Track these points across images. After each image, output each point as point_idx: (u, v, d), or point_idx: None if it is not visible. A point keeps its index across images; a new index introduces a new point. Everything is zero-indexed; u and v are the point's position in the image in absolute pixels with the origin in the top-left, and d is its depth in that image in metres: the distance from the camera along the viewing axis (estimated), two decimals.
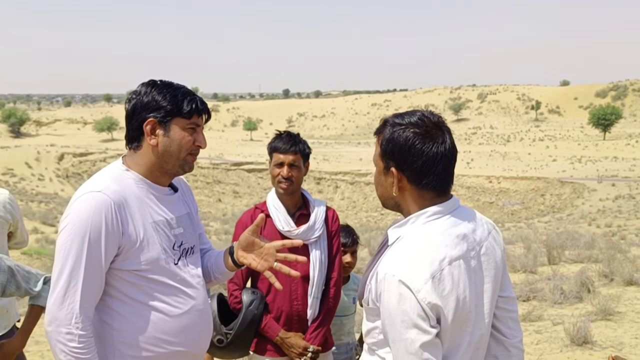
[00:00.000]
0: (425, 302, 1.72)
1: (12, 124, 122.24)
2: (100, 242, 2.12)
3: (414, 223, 1.89)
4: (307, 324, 3.30)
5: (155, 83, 2.32)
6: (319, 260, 3.26)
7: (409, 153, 1.85)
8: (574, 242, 14.83)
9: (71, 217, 2.14)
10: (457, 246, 1.83)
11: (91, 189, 2.17)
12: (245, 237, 2.43)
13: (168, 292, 2.27)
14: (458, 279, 1.78)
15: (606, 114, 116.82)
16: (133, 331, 2.21)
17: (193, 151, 2.32)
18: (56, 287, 2.11)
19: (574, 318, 6.98)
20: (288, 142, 3.24)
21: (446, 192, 1.91)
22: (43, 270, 2.92)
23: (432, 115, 1.92)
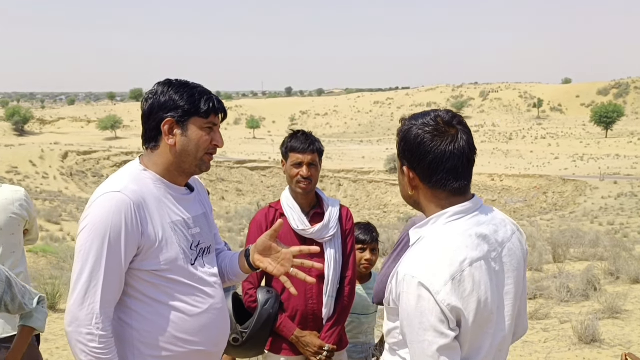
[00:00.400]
0: (444, 304, 1.71)
1: (16, 122, 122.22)
2: (120, 243, 2.13)
3: (434, 224, 1.89)
4: (322, 323, 3.31)
5: (172, 82, 2.31)
6: (333, 259, 3.28)
7: (418, 151, 1.87)
8: (578, 240, 14.85)
9: (91, 217, 2.14)
10: (478, 247, 1.82)
11: (110, 189, 2.17)
12: (262, 241, 2.43)
13: (187, 291, 2.28)
14: (479, 281, 1.78)
15: (608, 112, 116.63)
16: (152, 331, 2.23)
17: (210, 150, 2.33)
18: (76, 287, 2.12)
19: (581, 316, 7.00)
20: (306, 142, 3.25)
21: (463, 192, 1.90)
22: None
23: (446, 115, 1.92)
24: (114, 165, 79.97)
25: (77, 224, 2.13)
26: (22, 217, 3.22)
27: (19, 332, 2.67)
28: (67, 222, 30.84)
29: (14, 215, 3.17)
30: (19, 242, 3.26)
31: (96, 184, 71.64)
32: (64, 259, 15.54)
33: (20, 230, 3.26)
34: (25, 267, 3.30)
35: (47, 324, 7.59)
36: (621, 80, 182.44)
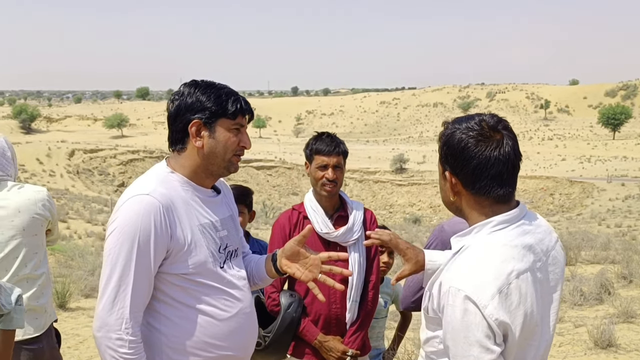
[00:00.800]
0: (492, 318, 1.65)
1: (23, 120, 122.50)
2: (150, 246, 2.09)
3: (478, 233, 1.83)
4: (346, 328, 3.26)
5: (198, 83, 2.27)
6: (357, 263, 3.23)
7: (461, 156, 1.81)
8: (589, 243, 14.77)
9: (119, 220, 2.11)
10: (524, 258, 1.77)
11: (139, 192, 2.14)
12: (290, 246, 2.38)
13: (216, 295, 2.24)
14: (526, 293, 1.72)
15: (616, 114, 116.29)
16: (181, 335, 2.19)
17: (238, 152, 2.29)
18: (105, 291, 2.08)
19: (596, 320, 6.93)
20: (331, 144, 3.21)
21: (507, 200, 1.84)
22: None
23: (491, 119, 1.86)
24: (120, 164, 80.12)
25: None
26: (44, 218, 3.19)
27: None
28: (73, 220, 30.78)
29: (37, 215, 3.14)
30: (42, 242, 3.23)
31: (102, 182, 71.90)
32: (72, 257, 15.52)
33: (43, 231, 3.23)
34: (47, 267, 3.27)
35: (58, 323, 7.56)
36: (629, 82, 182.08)
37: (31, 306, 3.10)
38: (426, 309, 1.88)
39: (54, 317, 3.33)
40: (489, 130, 1.82)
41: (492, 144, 1.80)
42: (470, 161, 1.80)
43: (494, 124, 1.84)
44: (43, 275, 3.20)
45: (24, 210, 3.09)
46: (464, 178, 1.83)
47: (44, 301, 3.19)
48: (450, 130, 1.87)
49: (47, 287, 3.24)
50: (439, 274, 1.86)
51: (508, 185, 1.83)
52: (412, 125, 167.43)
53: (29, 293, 3.10)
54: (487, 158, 1.79)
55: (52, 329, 3.33)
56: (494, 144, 1.80)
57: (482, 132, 1.81)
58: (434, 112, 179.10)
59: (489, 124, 1.84)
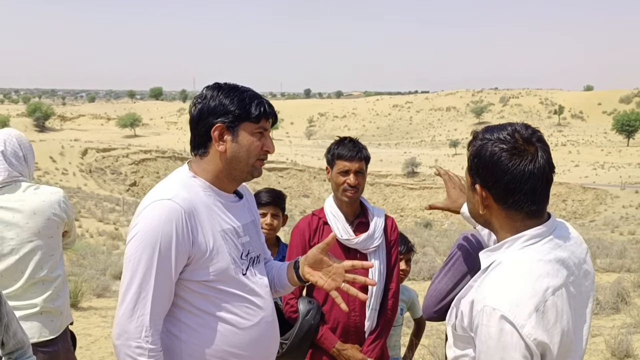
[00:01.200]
0: (530, 338, 1.59)
1: (37, 118, 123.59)
2: (171, 252, 2.04)
3: (509, 248, 1.75)
4: (364, 336, 3.20)
5: (221, 86, 2.22)
6: (377, 270, 3.17)
7: (494, 170, 1.73)
8: (604, 251, 14.63)
9: (141, 225, 2.06)
10: (559, 273, 1.70)
11: (161, 197, 2.09)
12: (313, 254, 2.32)
13: (237, 303, 2.18)
14: (562, 310, 1.66)
15: (630, 120, 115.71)
16: (201, 344, 2.14)
17: (262, 156, 2.24)
18: (125, 298, 2.03)
19: (613, 330, 6.84)
20: (354, 149, 3.15)
21: (539, 214, 1.77)
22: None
23: (525, 130, 1.77)
24: (132, 163, 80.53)
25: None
26: (61, 219, 3.15)
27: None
28: (85, 218, 30.90)
29: (53, 217, 3.10)
30: (58, 245, 3.19)
31: (114, 181, 72.28)
32: (84, 255, 15.56)
33: (59, 233, 3.19)
34: (63, 270, 3.23)
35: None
36: None
37: (47, 308, 3.07)
38: (454, 326, 1.80)
39: (69, 320, 3.30)
40: (523, 143, 1.74)
41: (527, 158, 1.72)
42: (503, 176, 1.72)
43: (528, 136, 1.75)
44: (59, 277, 3.16)
45: (39, 212, 3.05)
46: (495, 192, 1.76)
47: (60, 303, 3.16)
48: (482, 142, 1.78)
49: (63, 289, 3.21)
50: (467, 289, 1.79)
51: (541, 200, 1.76)
52: (425, 129, 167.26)
53: (45, 295, 3.07)
54: (521, 173, 1.70)
55: (68, 332, 3.29)
56: (529, 158, 1.72)
57: (516, 145, 1.73)
58: (446, 116, 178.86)
59: (523, 135, 1.75)
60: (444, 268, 2.87)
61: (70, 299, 8.69)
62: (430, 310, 2.87)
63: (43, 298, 3.05)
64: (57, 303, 3.13)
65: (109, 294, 10.23)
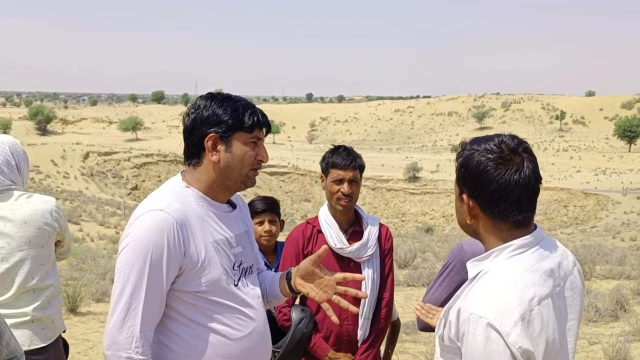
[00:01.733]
0: (515, 346, 1.60)
1: (39, 121, 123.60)
2: (162, 263, 2.04)
3: (496, 257, 1.77)
4: (357, 345, 3.20)
5: (214, 96, 2.23)
6: (371, 279, 3.16)
7: (480, 179, 1.75)
8: (604, 258, 14.62)
9: (132, 236, 2.06)
10: (545, 283, 1.71)
11: (153, 207, 2.09)
12: (305, 265, 2.32)
13: (229, 314, 2.18)
14: (547, 319, 1.67)
15: (632, 126, 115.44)
16: (192, 355, 2.14)
17: (255, 166, 2.24)
18: (116, 309, 2.03)
19: (611, 338, 6.82)
20: (348, 158, 3.15)
21: (526, 224, 1.78)
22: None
23: (511, 141, 1.79)
24: (134, 167, 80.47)
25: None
26: (52, 229, 3.14)
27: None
28: (86, 222, 30.95)
29: (44, 227, 3.09)
30: (49, 254, 3.18)
31: (116, 185, 72.23)
32: (84, 259, 15.57)
33: (51, 243, 3.18)
34: (55, 279, 3.22)
35: (68, 327, 7.46)
36: None
37: (38, 317, 3.06)
38: (441, 337, 1.81)
39: (62, 329, 3.29)
40: (509, 153, 1.76)
41: (512, 168, 1.74)
42: (489, 185, 1.74)
43: (514, 146, 1.78)
44: (51, 287, 3.15)
45: (31, 222, 3.04)
46: (482, 202, 1.77)
47: (51, 312, 3.15)
48: (469, 152, 1.80)
49: (55, 298, 3.20)
50: (455, 300, 1.80)
51: (528, 210, 1.77)
52: (426, 133, 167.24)
53: (36, 304, 3.06)
54: (506, 182, 1.72)
55: (60, 340, 3.28)
56: (514, 168, 1.74)
57: (502, 155, 1.75)
58: (448, 121, 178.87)
59: (509, 146, 1.77)
60: (438, 278, 2.87)
61: (69, 304, 8.70)
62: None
63: (34, 307, 3.04)
64: (48, 312, 3.12)
65: (108, 299, 10.17)
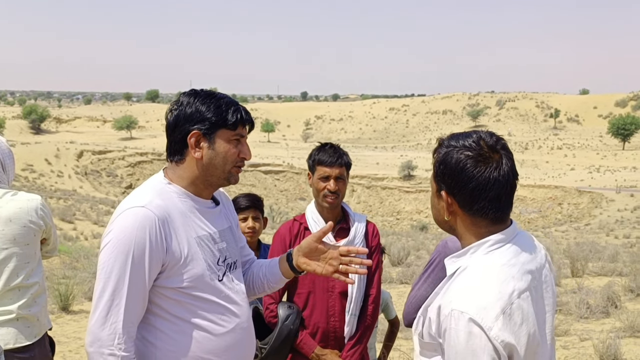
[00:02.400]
0: (498, 340, 1.61)
1: (33, 120, 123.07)
2: (144, 260, 2.05)
3: (474, 253, 1.78)
4: (344, 341, 3.21)
5: (198, 93, 2.23)
6: (357, 276, 3.17)
7: (460, 177, 1.76)
8: (597, 255, 14.67)
9: (114, 233, 2.06)
10: (523, 277, 1.74)
11: (134, 204, 2.09)
12: (308, 243, 2.34)
13: (213, 309, 2.19)
14: (527, 312, 1.69)
15: (626, 124, 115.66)
16: (176, 350, 2.14)
17: (238, 163, 2.25)
18: (98, 306, 2.04)
19: (602, 334, 6.85)
20: (334, 155, 3.16)
21: (503, 220, 1.80)
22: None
23: (489, 138, 1.80)
24: (128, 165, 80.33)
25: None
26: (38, 227, 3.13)
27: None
28: (80, 221, 30.83)
29: (29, 225, 3.09)
30: (34, 252, 3.17)
31: (110, 184, 72.05)
32: (77, 258, 15.53)
33: (36, 241, 3.18)
34: (40, 277, 3.21)
35: (60, 325, 7.47)
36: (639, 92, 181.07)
37: (23, 315, 3.06)
38: (421, 334, 1.81)
39: (47, 326, 3.28)
40: (488, 150, 1.77)
41: (492, 165, 1.75)
42: (468, 182, 1.75)
43: (493, 144, 1.79)
44: (36, 284, 3.15)
45: (15, 220, 3.04)
46: (461, 199, 1.78)
47: (36, 310, 3.14)
48: (447, 149, 1.81)
49: (40, 296, 3.19)
50: (434, 296, 1.81)
51: (506, 206, 1.79)
52: (421, 132, 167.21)
53: (21, 302, 3.06)
54: (486, 180, 1.74)
55: (46, 338, 3.28)
56: (494, 165, 1.75)
57: (482, 152, 1.76)
58: (443, 119, 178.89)
59: (488, 143, 1.79)
60: (423, 274, 2.88)
61: (61, 302, 8.65)
62: (410, 316, 2.89)
63: (19, 305, 3.04)
64: (33, 310, 3.12)
65: None
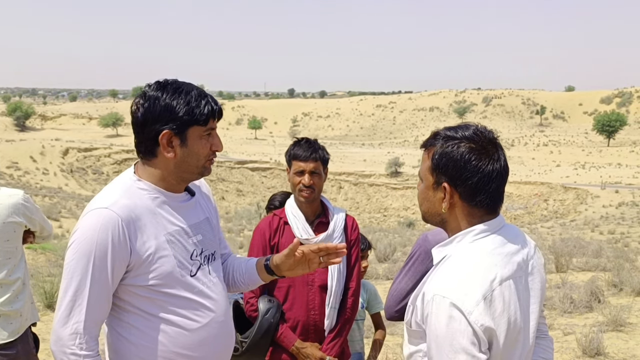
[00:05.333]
0: (477, 324, 1.64)
1: (18, 117, 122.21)
2: (107, 261, 2.02)
3: (460, 242, 1.82)
4: (324, 334, 3.22)
5: (164, 86, 2.13)
6: (337, 269, 3.18)
7: (465, 169, 1.78)
8: (581, 250, 14.77)
9: (78, 234, 2.04)
10: (507, 266, 1.77)
11: (99, 205, 2.06)
12: (282, 261, 2.36)
13: (185, 305, 2.17)
14: (509, 300, 1.72)
15: (611, 121, 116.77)
16: (151, 346, 2.13)
17: (211, 157, 2.21)
18: (61, 305, 2.02)
19: (585, 328, 6.90)
20: (308, 150, 3.16)
21: (496, 211, 1.85)
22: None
23: (486, 131, 1.85)
24: (114, 163, 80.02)
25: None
26: (18, 223, 3.11)
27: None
28: (66, 218, 30.74)
29: (9, 221, 3.07)
30: (16, 248, 3.15)
31: (96, 181, 71.76)
32: (63, 256, 15.42)
33: (18, 237, 3.16)
34: (23, 272, 3.19)
35: (45, 323, 7.41)
36: (624, 89, 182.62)
37: (5, 311, 3.05)
38: (409, 323, 1.84)
39: (31, 321, 3.26)
40: (488, 144, 1.82)
41: (493, 157, 1.80)
42: (474, 175, 1.78)
43: (491, 137, 1.85)
44: (18, 280, 3.14)
45: None
46: (464, 191, 1.81)
47: (19, 306, 3.13)
48: (447, 141, 1.83)
49: (23, 292, 3.18)
50: (422, 286, 1.83)
51: (502, 198, 1.85)
52: (408, 129, 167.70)
53: (3, 298, 3.05)
54: (490, 172, 1.79)
55: (30, 334, 3.26)
56: (495, 157, 1.81)
57: (484, 145, 1.81)
58: (430, 116, 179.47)
59: (487, 137, 1.84)
60: (404, 268, 2.89)
61: (46, 300, 8.61)
62: (391, 309, 2.89)
63: (1, 301, 3.03)
64: (15, 306, 3.10)
65: None
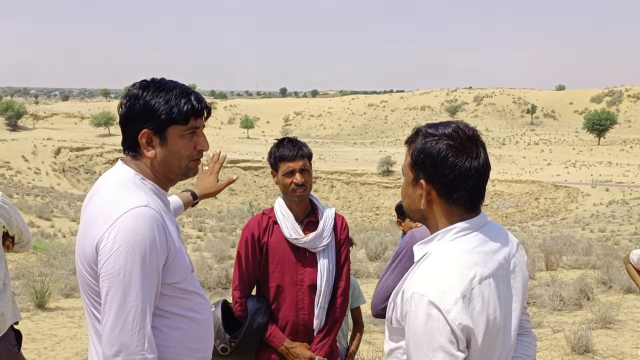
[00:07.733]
0: (455, 323, 1.64)
1: (9, 117, 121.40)
2: (157, 260, 1.99)
3: (440, 240, 1.82)
4: (313, 334, 3.22)
5: (148, 85, 2.12)
6: (326, 269, 3.18)
7: (441, 166, 1.78)
8: (571, 248, 14.86)
9: (123, 236, 1.95)
10: (487, 264, 1.77)
11: (136, 204, 2.00)
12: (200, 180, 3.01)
13: (194, 299, 2.19)
14: (488, 299, 1.72)
15: (601, 120, 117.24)
16: (168, 344, 2.11)
17: (196, 157, 2.19)
18: (121, 313, 1.93)
19: (574, 326, 6.96)
20: (294, 149, 3.16)
21: (476, 209, 1.84)
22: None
23: (467, 128, 1.85)
24: (106, 162, 79.72)
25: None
26: None
27: None
28: (58, 218, 30.56)
29: None
30: None
31: (88, 181, 71.46)
32: (54, 256, 15.38)
33: None
34: (3, 273, 3.18)
35: (35, 323, 7.41)
36: (614, 88, 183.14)
37: None
38: (390, 320, 1.85)
39: (13, 320, 3.26)
40: (468, 140, 1.81)
41: (472, 155, 1.79)
42: (450, 172, 1.78)
43: (471, 134, 1.83)
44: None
45: None
46: (441, 188, 1.81)
47: (0, 305, 3.14)
48: (426, 138, 1.84)
49: (4, 292, 3.18)
50: (402, 283, 1.84)
51: (481, 196, 1.84)
52: (400, 128, 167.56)
53: None
54: (467, 170, 1.78)
55: (11, 333, 3.26)
56: (473, 155, 1.79)
57: (462, 142, 1.80)
58: (421, 115, 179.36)
59: (467, 134, 1.83)
60: (391, 265, 2.92)
61: (37, 299, 8.59)
62: (378, 307, 2.93)
63: None
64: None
65: (78, 294, 10.14)
